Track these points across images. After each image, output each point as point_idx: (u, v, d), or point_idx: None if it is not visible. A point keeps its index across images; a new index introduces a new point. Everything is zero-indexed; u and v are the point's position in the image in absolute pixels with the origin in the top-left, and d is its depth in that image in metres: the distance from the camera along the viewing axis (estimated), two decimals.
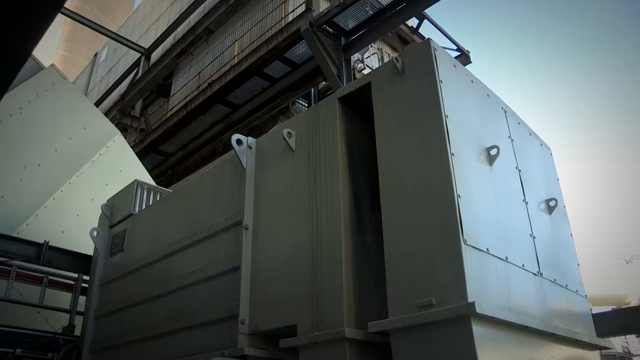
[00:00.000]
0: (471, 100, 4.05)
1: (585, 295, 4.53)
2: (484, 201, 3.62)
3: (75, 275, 7.70)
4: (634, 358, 42.21)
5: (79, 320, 7.18)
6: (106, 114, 19.71)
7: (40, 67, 10.55)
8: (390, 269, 3.45)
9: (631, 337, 43.91)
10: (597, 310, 4.81)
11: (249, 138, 4.96)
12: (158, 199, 7.02)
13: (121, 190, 7.20)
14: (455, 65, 4.07)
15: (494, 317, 3.05)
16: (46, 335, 6.84)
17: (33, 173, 9.24)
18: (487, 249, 3.37)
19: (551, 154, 5.16)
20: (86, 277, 7.44)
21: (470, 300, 2.96)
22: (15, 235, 8.11)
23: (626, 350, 43.24)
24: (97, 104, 22.78)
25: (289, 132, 4.55)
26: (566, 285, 4.26)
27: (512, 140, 4.39)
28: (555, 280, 4.10)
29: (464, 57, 16.73)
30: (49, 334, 6.91)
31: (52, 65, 11.08)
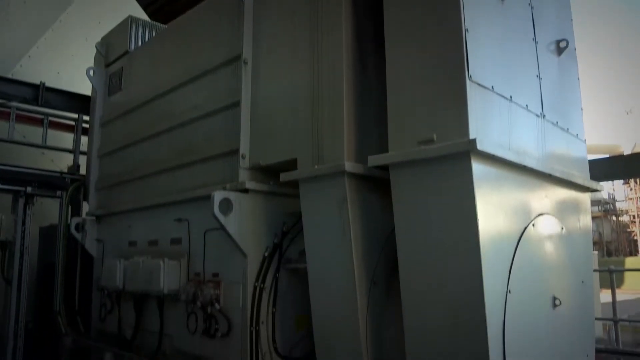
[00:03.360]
0: None
1: (585, 140, 4.54)
2: (492, 37, 3.45)
3: (75, 116, 7.69)
4: (616, 203, 44.42)
5: (83, 160, 7.33)
6: None
7: None
8: (392, 104, 3.40)
9: (617, 185, 45.72)
10: (590, 158, 4.89)
11: None
12: (154, 35, 6.77)
13: (115, 27, 6.91)
14: None
15: (494, 155, 3.06)
16: (52, 175, 7.00)
17: (19, 11, 8.80)
18: (492, 87, 3.29)
19: None
20: (86, 118, 7.45)
21: (471, 137, 2.95)
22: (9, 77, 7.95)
23: (611, 197, 45.28)
24: None
25: None
26: (567, 129, 4.24)
27: None
28: (557, 123, 4.07)
29: None
30: (55, 173, 7.07)
31: None
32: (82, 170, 7.25)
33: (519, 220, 3.36)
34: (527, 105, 3.68)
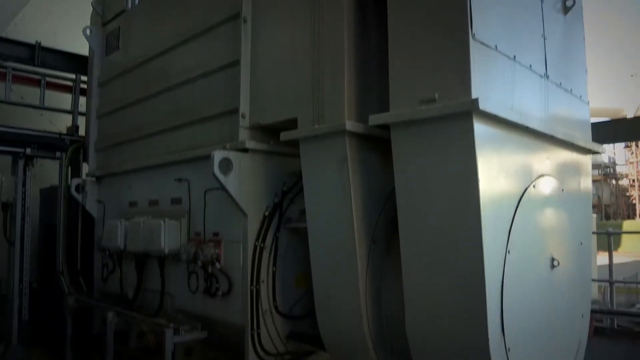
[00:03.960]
0: None
1: (588, 102, 4.50)
2: None
3: (73, 76, 7.60)
4: (617, 167, 44.47)
5: (82, 121, 7.29)
6: None
7: None
8: (393, 63, 3.34)
9: (618, 149, 45.67)
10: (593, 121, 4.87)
11: None
12: None
13: None
14: None
15: (496, 116, 3.03)
16: (52, 136, 6.97)
17: None
18: (496, 46, 3.23)
19: None
20: (84, 78, 7.36)
21: (474, 96, 2.91)
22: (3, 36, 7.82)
23: (612, 160, 45.31)
24: None
25: None
26: (571, 90, 4.19)
27: None
28: (560, 84, 4.03)
29: None
30: (54, 134, 7.04)
31: None
32: (81, 131, 7.22)
33: (520, 182, 3.36)
34: (530, 66, 3.62)
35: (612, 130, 7.36)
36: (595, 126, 4.86)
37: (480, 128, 2.96)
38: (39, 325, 6.89)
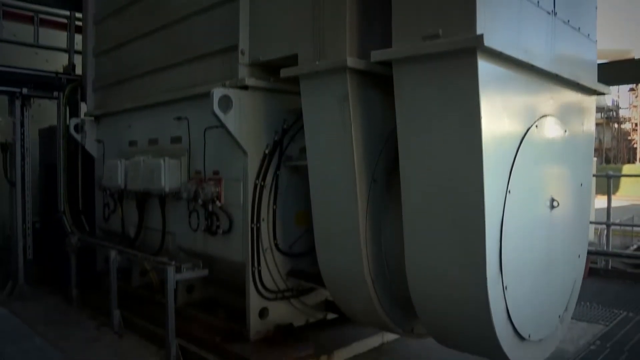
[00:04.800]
0: None
1: (596, 41, 4.39)
2: None
3: (67, 13, 7.40)
4: (620, 110, 44.12)
5: (78, 60, 7.16)
6: None
7: None
8: None
9: (623, 92, 45.14)
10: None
11: None
12: None
13: None
14: None
15: (501, 53, 2.95)
16: (48, 75, 6.85)
17: None
18: None
19: None
20: (79, 15, 7.17)
21: (479, 32, 2.83)
22: None
23: (615, 104, 44.89)
24: None
25: None
26: (579, 28, 4.08)
27: None
28: (568, 21, 3.91)
29: None
30: (51, 74, 6.91)
31: None
32: (78, 70, 7.10)
33: (523, 121, 3.32)
34: (538, 2, 3.51)
35: (618, 71, 7.19)
36: (601, 67, 4.75)
37: (484, 65, 2.90)
38: (43, 265, 7.02)
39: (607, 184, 8.04)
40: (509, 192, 3.10)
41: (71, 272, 6.10)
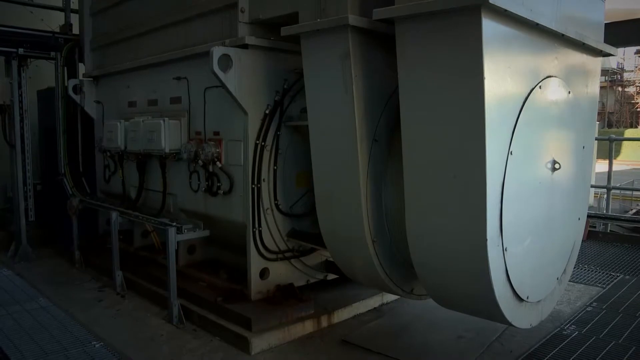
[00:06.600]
0: None
1: (604, 0, 4.29)
2: None
3: None
4: (624, 74, 43.55)
5: (75, 19, 7.02)
6: None
7: None
8: None
9: (628, 54, 44.41)
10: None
11: None
12: None
13: None
14: None
15: (506, 10, 2.89)
16: (45, 35, 6.73)
17: None
18: None
19: None
20: None
21: None
22: None
23: (620, 66, 44.29)
24: None
25: None
26: None
27: None
28: None
29: None
30: (48, 33, 6.80)
31: None
32: (75, 30, 6.97)
33: (526, 82, 3.27)
34: None
35: (626, 32, 7.01)
36: (608, 27, 4.64)
37: (488, 23, 2.83)
38: (46, 227, 7.05)
39: (609, 147, 7.99)
40: (511, 153, 3.08)
41: (73, 233, 6.15)
